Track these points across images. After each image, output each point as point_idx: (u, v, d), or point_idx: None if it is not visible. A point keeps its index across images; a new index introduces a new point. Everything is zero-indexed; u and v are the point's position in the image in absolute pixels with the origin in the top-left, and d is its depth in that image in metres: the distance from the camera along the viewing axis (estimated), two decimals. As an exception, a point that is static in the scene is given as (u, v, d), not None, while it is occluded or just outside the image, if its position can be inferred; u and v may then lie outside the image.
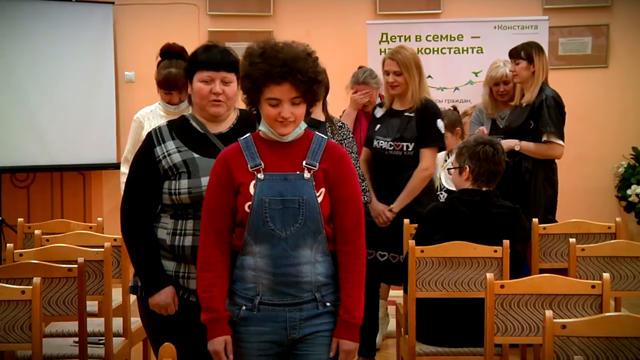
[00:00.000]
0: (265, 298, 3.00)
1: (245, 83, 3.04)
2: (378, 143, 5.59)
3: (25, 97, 8.32)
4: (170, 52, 5.15)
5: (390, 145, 5.50)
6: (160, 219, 3.45)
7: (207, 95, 3.37)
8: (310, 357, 3.06)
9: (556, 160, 6.25)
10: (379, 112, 5.83)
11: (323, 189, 3.02)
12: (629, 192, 8.87)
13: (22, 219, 5.75)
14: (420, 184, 5.45)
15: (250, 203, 2.98)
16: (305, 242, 2.99)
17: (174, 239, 3.36)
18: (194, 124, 3.48)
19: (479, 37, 7.60)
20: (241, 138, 3.13)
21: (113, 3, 8.96)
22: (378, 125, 5.72)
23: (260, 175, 3.00)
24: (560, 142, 6.09)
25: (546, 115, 6.02)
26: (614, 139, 9.11)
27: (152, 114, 5.26)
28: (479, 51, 7.67)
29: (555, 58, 8.77)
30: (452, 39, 8.08)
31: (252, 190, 2.99)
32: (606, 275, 3.79)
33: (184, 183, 3.32)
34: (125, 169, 4.90)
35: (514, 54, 6.37)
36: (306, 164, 3.03)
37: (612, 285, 3.86)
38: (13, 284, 3.81)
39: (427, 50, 7.96)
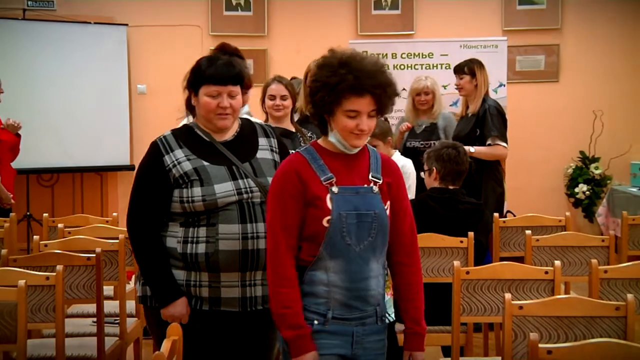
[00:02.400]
0: (336, 313, 2.70)
1: (322, 92, 2.69)
2: None
3: (49, 107, 8.31)
4: (224, 51, 4.50)
5: None
6: (168, 228, 3.17)
7: (214, 109, 3.14)
8: None
9: (511, 162, 6.25)
10: None
11: (389, 202, 2.76)
12: (576, 190, 8.95)
13: (47, 214, 5.72)
14: None
15: (329, 217, 2.67)
16: (375, 255, 2.73)
17: (186, 246, 3.09)
18: (199, 132, 3.24)
19: (447, 54, 7.60)
20: (301, 149, 2.83)
21: (127, 25, 8.95)
22: None
23: (335, 189, 2.69)
24: (504, 144, 6.14)
25: (490, 123, 6.05)
26: (563, 144, 9.14)
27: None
28: (447, 67, 7.64)
29: (512, 73, 8.79)
30: (424, 56, 8.07)
31: (329, 204, 2.68)
32: (557, 263, 3.82)
33: (197, 191, 3.07)
34: None
35: (458, 69, 6.40)
36: (372, 177, 2.76)
37: (562, 271, 3.87)
38: (39, 271, 3.79)
39: (402, 67, 7.96)
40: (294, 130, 4.71)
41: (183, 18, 9.07)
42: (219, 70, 3.17)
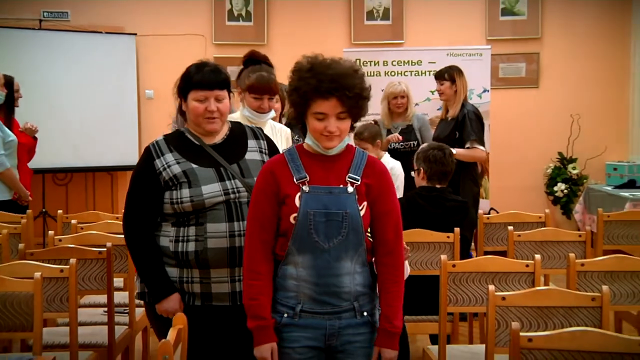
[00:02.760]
0: (306, 306, 2.66)
1: (293, 96, 2.73)
2: None
3: (63, 111, 8.30)
4: (254, 59, 4.35)
5: None
6: (161, 228, 3.13)
7: (202, 113, 3.12)
8: None
9: (494, 163, 6.24)
10: None
11: (365, 203, 2.68)
12: (555, 189, 8.96)
13: (61, 211, 5.71)
14: None
15: (295, 215, 2.63)
16: (347, 253, 2.65)
17: (177, 245, 3.06)
18: (189, 136, 3.21)
19: (435, 62, 7.58)
20: (285, 150, 2.83)
21: (136, 34, 8.94)
22: None
23: (306, 188, 2.65)
24: (482, 147, 6.17)
25: (469, 127, 6.05)
26: (543, 146, 9.15)
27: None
28: (460, 76, 7.65)
29: (496, 80, 8.78)
30: (413, 63, 8.05)
31: (297, 202, 2.64)
32: (537, 256, 3.84)
33: (186, 192, 3.04)
34: None
35: (439, 76, 6.42)
36: (349, 178, 2.68)
37: (542, 264, 3.87)
38: (54, 264, 3.80)
39: (392, 73, 7.93)
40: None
41: (188, 28, 9.07)
42: (206, 76, 3.14)
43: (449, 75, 6.33)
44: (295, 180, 2.67)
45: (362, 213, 2.65)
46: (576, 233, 4.85)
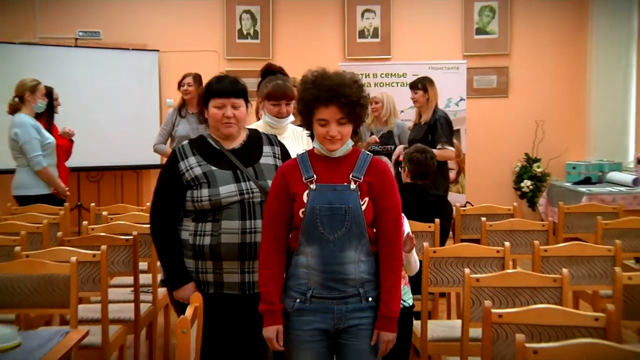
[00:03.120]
0: (316, 292, 2.61)
1: (299, 106, 2.70)
2: None
3: (96, 117, 8.30)
4: (270, 71, 4.25)
5: None
6: (183, 222, 3.10)
7: (220, 119, 3.10)
8: (354, 346, 2.65)
9: (469, 162, 6.20)
10: None
11: (367, 199, 2.62)
12: (522, 185, 8.99)
13: (93, 204, 5.72)
14: None
15: (303, 209, 2.59)
16: (351, 244, 2.59)
17: (195, 239, 3.03)
18: (210, 141, 3.18)
19: (417, 74, 7.48)
20: (298, 154, 2.78)
21: (158, 50, 8.95)
22: None
23: (313, 186, 2.61)
24: (451, 148, 6.18)
25: (440, 130, 6.05)
26: (511, 148, 9.16)
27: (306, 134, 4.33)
28: (431, 86, 7.64)
29: (471, 90, 8.79)
30: (399, 76, 8.05)
31: (305, 198, 2.60)
32: (507, 244, 3.85)
33: (205, 192, 3.01)
34: None
35: (413, 85, 6.40)
36: (352, 176, 2.63)
37: (511, 250, 3.88)
38: (87, 250, 3.80)
39: (381, 84, 7.95)
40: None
41: (203, 45, 9.07)
42: (224, 85, 3.13)
43: (422, 85, 6.32)
44: (304, 179, 2.63)
45: (363, 208, 2.60)
46: (540, 223, 4.86)
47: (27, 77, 6.16)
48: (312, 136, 2.74)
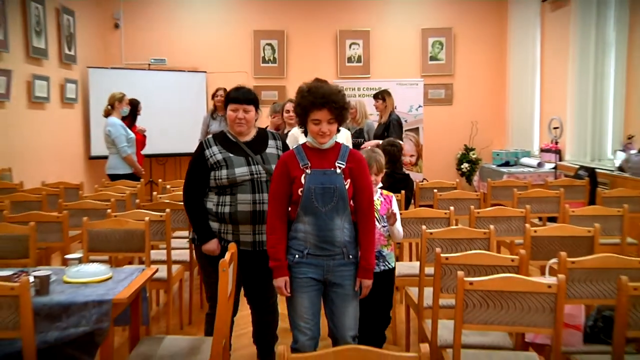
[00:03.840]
0: (310, 251, 2.52)
1: (297, 109, 2.59)
2: None
3: (162, 120, 8.22)
4: (319, 81, 4.03)
5: None
6: (208, 196, 2.98)
7: (234, 119, 2.99)
8: (341, 292, 2.56)
9: (427, 151, 6.12)
10: None
11: (349, 180, 2.53)
12: (462, 166, 9.00)
13: (161, 180, 5.76)
14: None
15: (302, 189, 2.50)
16: (337, 214, 2.50)
17: (218, 208, 2.93)
18: (229, 135, 3.05)
19: (389, 88, 7.53)
20: (294, 147, 2.66)
21: (205, 72, 8.86)
22: None
23: (308, 171, 2.51)
24: (401, 142, 6.05)
25: (392, 129, 5.99)
26: (455, 141, 9.13)
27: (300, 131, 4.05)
28: (388, 96, 7.58)
29: (426, 100, 8.72)
30: (375, 90, 7.92)
31: (303, 180, 2.50)
32: (452, 208, 3.83)
33: (224, 172, 2.91)
34: None
35: (375, 96, 6.35)
36: (337, 163, 2.53)
37: (455, 212, 3.86)
38: (156, 212, 3.81)
39: (362, 96, 7.85)
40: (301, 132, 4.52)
41: (237, 67, 8.96)
42: (239, 94, 3.02)
43: (381, 96, 6.26)
44: (300, 166, 2.53)
45: (346, 187, 2.52)
46: (474, 194, 4.84)
47: (116, 91, 6.18)
48: (305, 133, 2.64)
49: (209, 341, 2.62)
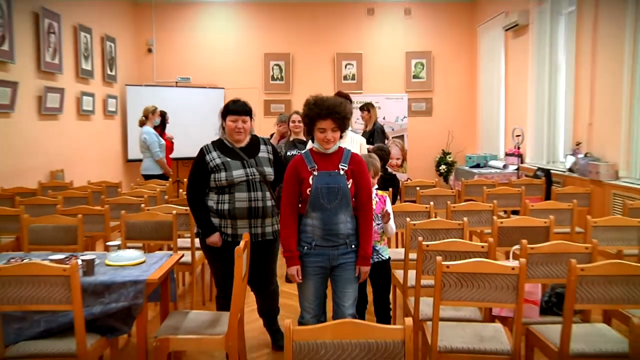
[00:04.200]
0: (317, 243, 2.45)
1: (305, 120, 2.51)
2: None
3: (187, 129, 8.15)
4: (340, 95, 3.73)
5: None
6: (209, 195, 2.90)
7: (234, 129, 2.90)
8: (344, 277, 2.50)
9: (411, 154, 6.11)
10: None
11: (351, 180, 2.46)
12: (440, 168, 8.94)
13: (186, 179, 5.67)
14: None
15: (310, 189, 2.42)
16: (341, 210, 2.43)
17: (218, 205, 2.85)
18: (226, 142, 2.95)
19: (378, 102, 7.51)
20: (302, 152, 2.57)
21: (223, 88, 8.79)
22: None
23: (315, 173, 2.43)
24: (388, 147, 6.05)
25: (376, 136, 5.96)
26: (434, 146, 9.07)
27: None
28: (379, 108, 7.57)
29: (410, 112, 8.69)
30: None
31: (311, 181, 2.43)
32: (432, 203, 3.81)
33: (223, 174, 2.83)
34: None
35: (361, 108, 6.29)
36: (341, 165, 2.46)
37: (434, 207, 3.85)
38: (182, 207, 3.79)
39: (355, 108, 7.86)
40: (306, 140, 4.28)
41: (250, 84, 8.91)
42: (237, 107, 2.93)
43: (366, 108, 6.21)
44: (308, 168, 2.45)
45: (349, 186, 2.45)
46: (451, 191, 4.81)
47: (149, 104, 6.19)
48: (312, 139, 2.56)
49: (226, 315, 2.63)
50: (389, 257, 3.10)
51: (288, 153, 4.27)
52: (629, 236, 3.33)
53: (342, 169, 2.46)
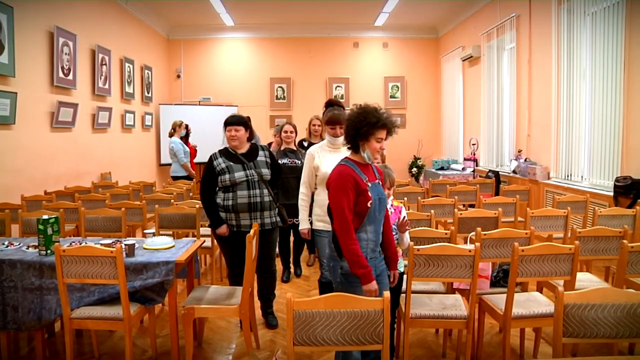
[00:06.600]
0: (369, 255, 1.96)
1: (366, 127, 1.96)
2: None
3: (207, 139, 8.03)
4: (330, 103, 3.17)
5: None
6: (217, 194, 2.85)
7: (229, 137, 2.86)
8: (383, 282, 2.02)
9: (389, 159, 6.09)
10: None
11: None
12: (412, 170, 8.91)
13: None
14: None
15: (371, 201, 1.92)
16: (382, 222, 2.01)
17: (224, 202, 2.80)
18: (230, 150, 2.89)
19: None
20: (342, 162, 2.01)
21: (237, 106, 8.72)
22: None
23: (369, 184, 1.95)
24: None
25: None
26: (408, 152, 9.04)
27: (320, 148, 2.81)
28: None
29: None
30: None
31: (370, 194, 1.93)
32: (405, 199, 3.79)
33: (227, 176, 2.78)
34: (304, 189, 2.82)
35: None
36: (377, 176, 2.06)
37: (408, 202, 3.86)
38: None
39: (345, 122, 7.88)
40: (295, 149, 3.93)
41: (258, 102, 8.88)
42: (232, 119, 2.88)
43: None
44: (364, 180, 1.95)
45: None
46: (421, 189, 4.81)
47: (177, 119, 6.21)
48: (354, 147, 2.02)
49: (239, 289, 2.64)
50: (403, 271, 2.47)
51: (280, 161, 3.89)
52: (557, 223, 3.44)
53: (379, 180, 2.07)
